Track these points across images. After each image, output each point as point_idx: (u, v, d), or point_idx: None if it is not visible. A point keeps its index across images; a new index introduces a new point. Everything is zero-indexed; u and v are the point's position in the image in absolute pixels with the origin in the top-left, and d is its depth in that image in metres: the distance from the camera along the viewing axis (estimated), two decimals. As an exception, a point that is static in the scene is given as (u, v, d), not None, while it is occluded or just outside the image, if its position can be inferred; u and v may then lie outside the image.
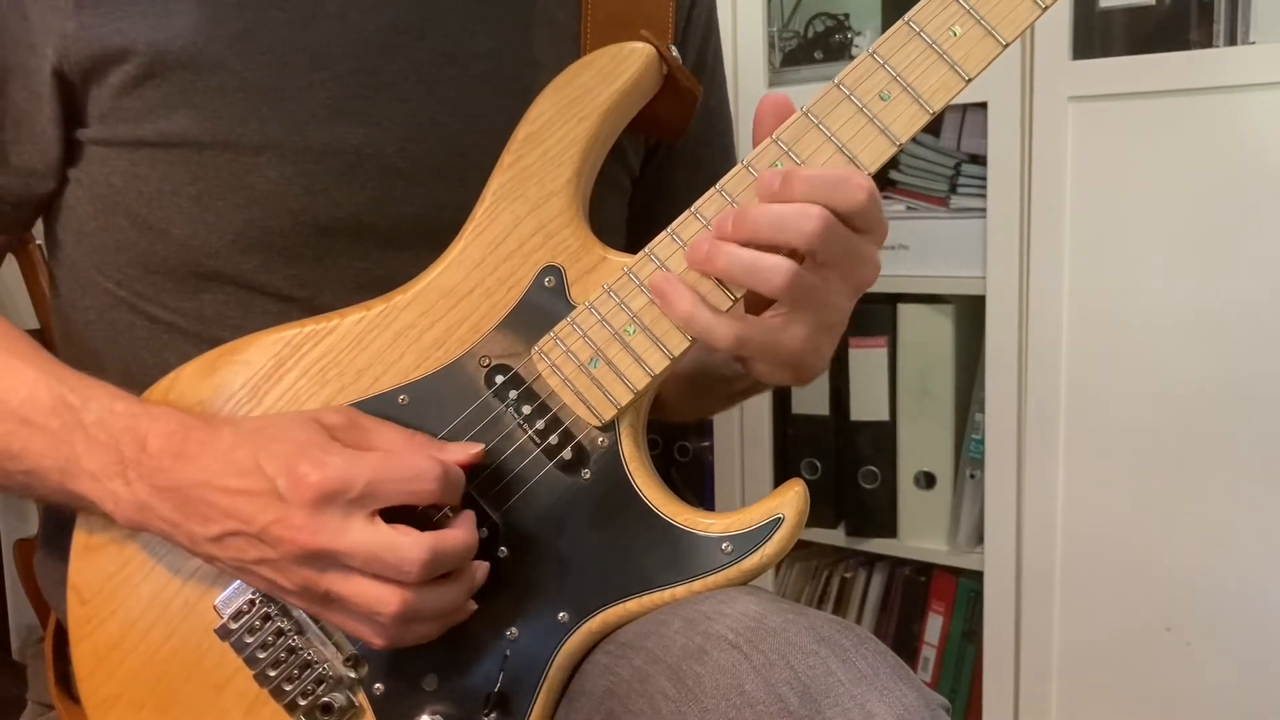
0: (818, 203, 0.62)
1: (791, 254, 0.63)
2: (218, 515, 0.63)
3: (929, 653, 1.51)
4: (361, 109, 0.72)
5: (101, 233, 0.75)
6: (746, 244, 0.63)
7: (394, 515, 0.63)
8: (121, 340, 0.76)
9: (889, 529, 1.51)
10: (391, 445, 0.65)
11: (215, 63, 0.70)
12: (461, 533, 0.64)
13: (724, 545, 0.66)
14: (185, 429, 0.66)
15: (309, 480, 0.61)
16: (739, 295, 0.65)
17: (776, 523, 0.66)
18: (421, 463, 0.63)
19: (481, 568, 0.66)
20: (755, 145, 0.67)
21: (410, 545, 0.61)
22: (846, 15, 1.52)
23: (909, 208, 1.42)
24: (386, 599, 0.61)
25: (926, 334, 1.46)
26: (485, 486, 0.68)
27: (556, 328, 0.68)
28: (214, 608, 0.68)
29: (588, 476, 0.68)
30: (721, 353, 0.66)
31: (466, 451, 0.67)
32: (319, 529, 0.61)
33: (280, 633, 0.68)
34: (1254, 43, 1.18)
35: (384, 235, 0.74)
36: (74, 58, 0.71)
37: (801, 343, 0.66)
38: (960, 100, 0.65)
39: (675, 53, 0.75)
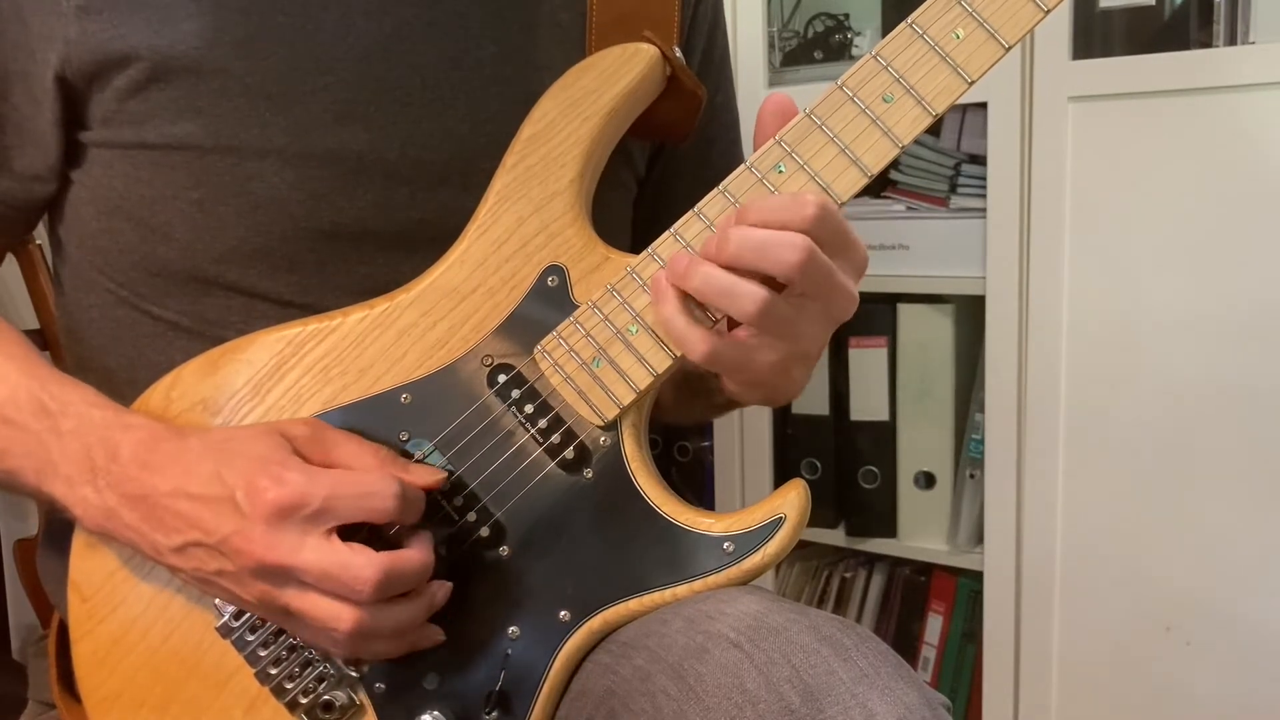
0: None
1: (770, 279, 0.63)
2: (180, 525, 0.64)
3: (929, 653, 1.51)
4: (365, 114, 0.72)
5: (103, 235, 0.75)
6: (728, 267, 0.63)
7: (357, 534, 0.63)
8: (125, 338, 0.76)
9: (889, 529, 1.51)
10: (354, 459, 0.65)
11: (218, 68, 0.70)
12: (417, 553, 0.64)
13: (725, 545, 0.66)
14: (155, 439, 0.66)
15: (267, 496, 0.61)
16: (719, 316, 0.65)
17: (778, 522, 0.66)
18: (378, 480, 0.63)
19: (443, 588, 0.66)
20: (757, 146, 0.67)
21: (363, 564, 0.61)
22: (846, 15, 1.52)
23: (909, 208, 1.42)
24: (341, 616, 0.62)
25: (926, 334, 1.46)
26: (487, 485, 0.68)
27: (559, 327, 0.68)
28: (215, 605, 0.68)
29: (590, 476, 0.68)
30: (694, 363, 0.66)
31: (429, 475, 0.67)
32: (274, 544, 0.61)
33: (281, 630, 0.68)
34: (1254, 43, 1.18)
35: (387, 241, 0.74)
36: (76, 63, 0.71)
37: (772, 366, 0.66)
38: (960, 100, 0.65)
39: (679, 54, 0.75)
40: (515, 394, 0.69)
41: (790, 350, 0.66)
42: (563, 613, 0.67)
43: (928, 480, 1.48)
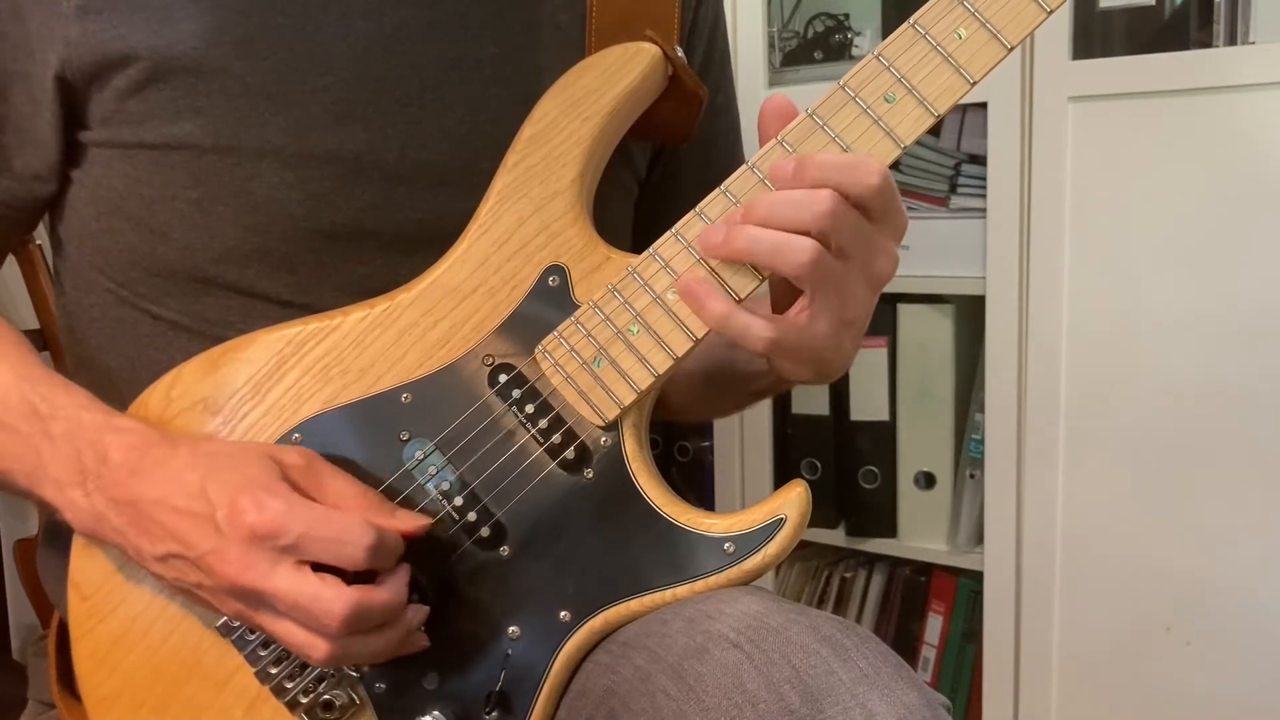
0: (830, 186, 0.62)
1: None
2: (163, 534, 0.64)
3: (929, 653, 1.51)
4: (364, 114, 0.72)
5: (103, 235, 0.75)
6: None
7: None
8: (125, 337, 0.76)
9: (889, 529, 1.51)
10: (341, 498, 0.65)
11: (218, 68, 0.70)
12: (387, 592, 0.63)
13: (726, 545, 0.66)
14: (146, 444, 0.66)
15: (246, 518, 0.61)
16: (765, 276, 0.65)
17: (779, 523, 0.66)
18: (356, 529, 0.62)
19: (419, 613, 0.65)
20: (761, 147, 0.67)
21: (332, 599, 0.60)
22: (846, 15, 1.52)
23: (909, 208, 1.41)
24: (315, 645, 0.62)
25: (926, 334, 1.46)
26: (488, 485, 0.68)
27: (560, 327, 0.68)
28: (216, 605, 0.68)
29: (590, 476, 0.68)
30: (755, 353, 0.66)
31: (413, 521, 0.66)
32: (248, 567, 0.61)
33: (281, 631, 0.68)
34: (1254, 43, 1.19)
35: (386, 241, 0.74)
36: (77, 63, 0.71)
37: (825, 337, 0.66)
38: (960, 100, 0.65)
39: (681, 54, 0.75)
40: (516, 394, 0.69)
41: (840, 315, 0.65)
42: (563, 613, 0.67)
43: (928, 480, 1.48)
